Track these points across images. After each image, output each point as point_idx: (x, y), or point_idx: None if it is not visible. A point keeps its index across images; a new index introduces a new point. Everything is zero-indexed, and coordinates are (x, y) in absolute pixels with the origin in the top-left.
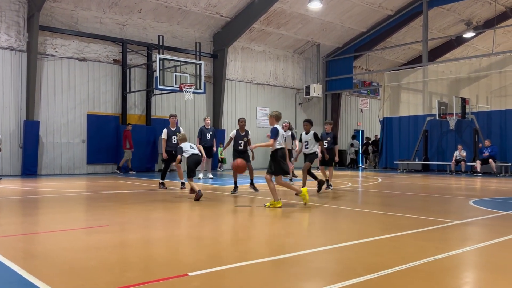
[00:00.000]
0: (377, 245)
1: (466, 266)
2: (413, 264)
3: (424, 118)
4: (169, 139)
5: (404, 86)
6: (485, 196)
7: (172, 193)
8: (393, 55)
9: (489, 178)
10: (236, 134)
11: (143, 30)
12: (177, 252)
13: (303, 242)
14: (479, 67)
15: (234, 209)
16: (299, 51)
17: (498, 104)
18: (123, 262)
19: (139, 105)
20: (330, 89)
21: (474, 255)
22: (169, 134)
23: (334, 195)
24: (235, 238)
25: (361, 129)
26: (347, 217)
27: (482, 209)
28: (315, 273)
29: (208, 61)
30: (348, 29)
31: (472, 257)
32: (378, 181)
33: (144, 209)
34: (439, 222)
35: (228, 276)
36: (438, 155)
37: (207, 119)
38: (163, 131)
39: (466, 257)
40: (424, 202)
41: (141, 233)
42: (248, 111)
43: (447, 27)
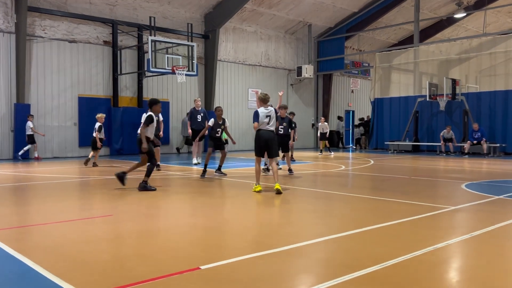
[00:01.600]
0: (379, 233)
1: (466, 255)
2: (416, 254)
3: (414, 99)
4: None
5: (395, 67)
6: (476, 179)
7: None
8: (384, 35)
9: (478, 159)
10: (214, 122)
11: (133, 11)
12: (186, 244)
13: (306, 232)
14: (469, 47)
15: (231, 195)
16: (291, 32)
17: (488, 85)
18: (134, 255)
19: (131, 87)
20: (322, 70)
21: (472, 243)
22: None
23: (328, 179)
24: (238, 229)
25: (352, 110)
26: (344, 203)
27: (475, 194)
28: (322, 265)
29: (200, 42)
30: (340, 9)
31: (470, 246)
32: (370, 163)
33: (144, 196)
34: (435, 208)
35: (238, 269)
36: (428, 136)
37: (197, 100)
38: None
39: (465, 246)
40: (417, 186)
41: (146, 223)
42: (239, 92)
43: (438, 7)
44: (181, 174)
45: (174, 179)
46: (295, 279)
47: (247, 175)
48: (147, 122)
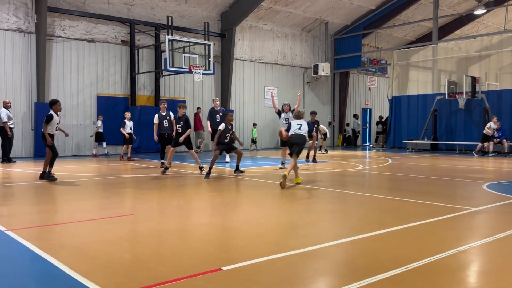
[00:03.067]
0: (399, 235)
1: (490, 259)
2: (437, 257)
3: (433, 97)
4: (160, 123)
5: (413, 64)
6: (497, 179)
7: (183, 176)
8: (402, 32)
9: (499, 159)
10: (225, 127)
11: (151, 10)
12: (207, 244)
13: (325, 233)
14: (490, 44)
15: (249, 195)
16: (307, 29)
17: (508, 83)
18: (156, 255)
19: (148, 86)
20: (338, 68)
21: (495, 246)
22: (160, 118)
23: (346, 179)
24: (258, 229)
25: (369, 108)
26: (362, 204)
27: (497, 194)
28: (344, 267)
29: (216, 41)
30: (357, 7)
31: (494, 249)
32: (388, 162)
33: (163, 195)
34: (456, 209)
35: (260, 271)
36: (447, 135)
37: (216, 100)
38: (155, 117)
39: (488, 249)
40: (437, 187)
41: (166, 222)
42: (256, 90)
43: (457, 4)
44: (197, 174)
45: (191, 178)
46: (317, 282)
47: (264, 175)
48: (47, 121)
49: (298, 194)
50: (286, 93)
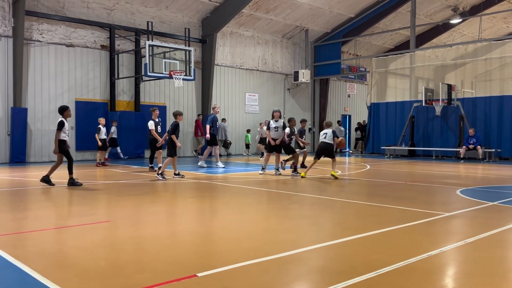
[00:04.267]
0: (374, 240)
1: (460, 262)
2: (409, 261)
3: (410, 104)
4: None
5: (392, 72)
6: (471, 184)
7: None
8: (381, 40)
9: (474, 164)
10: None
11: (131, 15)
12: (184, 250)
13: (302, 238)
14: (465, 53)
15: (227, 201)
16: (288, 36)
17: (483, 90)
18: (132, 262)
19: (128, 91)
20: (319, 75)
21: (466, 250)
22: (155, 124)
23: (324, 185)
24: (235, 235)
25: (349, 114)
26: (340, 209)
27: (470, 200)
28: (317, 272)
29: (197, 46)
30: (337, 15)
31: (464, 253)
32: (366, 168)
33: (142, 201)
34: (430, 214)
35: (235, 277)
36: (424, 141)
37: (217, 107)
38: (150, 123)
39: (459, 253)
40: (413, 192)
41: (143, 229)
42: (237, 96)
43: (434, 13)
44: (178, 179)
45: (172, 184)
46: (291, 287)
47: (245, 180)
48: (59, 128)
49: (277, 199)
50: (267, 100)
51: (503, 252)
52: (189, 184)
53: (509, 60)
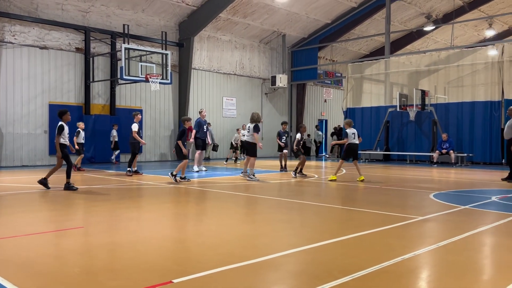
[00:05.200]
0: (349, 244)
1: (433, 266)
2: (383, 265)
3: (385, 109)
4: (138, 132)
5: (367, 77)
6: (444, 188)
7: (139, 188)
8: (357, 46)
9: (446, 169)
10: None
11: (107, 18)
12: (159, 257)
13: (279, 243)
14: (438, 59)
15: (204, 206)
16: (265, 41)
17: (455, 96)
18: (106, 269)
19: (103, 95)
20: (296, 79)
21: (438, 253)
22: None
23: (301, 189)
24: (212, 240)
25: (325, 119)
26: (316, 213)
27: (443, 204)
28: (294, 277)
29: (174, 50)
30: (313, 20)
31: (437, 256)
32: (342, 172)
33: (117, 207)
34: (404, 218)
35: (211, 282)
36: (399, 145)
37: (204, 111)
38: (134, 125)
39: (432, 256)
40: (388, 196)
41: (118, 235)
42: (214, 100)
43: (408, 20)
44: (154, 184)
45: (148, 189)
46: None
47: (223, 185)
48: (59, 132)
49: (254, 204)
50: (245, 104)
51: (475, 254)
52: (166, 189)
53: (480, 67)
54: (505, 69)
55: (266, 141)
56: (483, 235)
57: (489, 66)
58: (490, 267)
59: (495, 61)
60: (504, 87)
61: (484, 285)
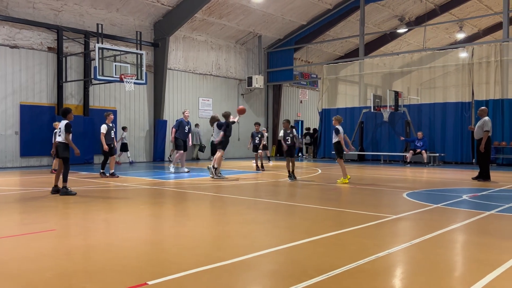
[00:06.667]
0: (324, 243)
1: (406, 263)
2: (358, 264)
3: (360, 110)
4: (108, 134)
5: (342, 79)
6: (417, 188)
7: (114, 189)
8: (332, 47)
9: (419, 168)
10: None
11: (80, 17)
12: (134, 259)
13: (255, 244)
14: (411, 61)
15: (180, 207)
16: (241, 42)
17: (428, 97)
18: (80, 272)
19: (76, 95)
20: (272, 80)
21: (411, 251)
22: (108, 129)
23: (277, 189)
24: (187, 242)
25: (301, 120)
26: (292, 213)
27: (416, 202)
28: (269, 277)
29: (149, 50)
30: (289, 22)
31: (410, 254)
32: (318, 172)
33: (90, 209)
34: (377, 217)
35: (186, 284)
36: (373, 146)
37: (187, 111)
38: (103, 126)
39: (405, 254)
40: (362, 196)
41: (92, 237)
42: (190, 101)
43: (382, 22)
44: (128, 186)
45: (122, 191)
46: None
47: (200, 186)
48: (68, 130)
49: (231, 205)
50: (221, 104)
51: (446, 252)
52: (141, 190)
53: (451, 69)
54: (475, 71)
55: (243, 141)
56: (454, 233)
57: (460, 68)
58: (462, 264)
59: (465, 63)
60: (474, 89)
61: (456, 281)
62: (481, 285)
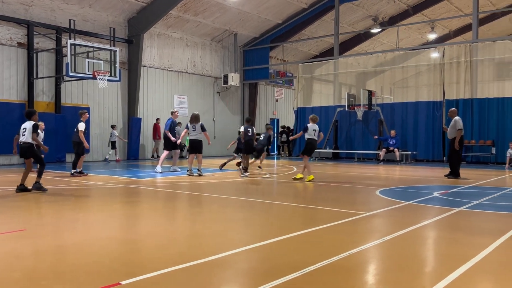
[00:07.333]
0: (298, 241)
1: (379, 259)
2: (332, 260)
3: (334, 108)
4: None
5: (317, 78)
6: (389, 185)
7: (85, 188)
8: (307, 46)
9: (392, 166)
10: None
11: (51, 12)
12: (107, 259)
13: (230, 242)
14: (384, 60)
15: (154, 206)
16: (217, 40)
17: (400, 97)
18: (50, 272)
19: (48, 92)
20: (248, 79)
21: (384, 247)
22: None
23: (253, 187)
24: (161, 241)
25: (277, 118)
26: (267, 211)
27: (388, 200)
28: (244, 275)
29: (123, 47)
30: (265, 20)
31: (383, 250)
32: (293, 170)
33: (61, 208)
34: (351, 214)
35: (160, 283)
36: (347, 144)
37: (176, 111)
38: (81, 124)
39: (378, 250)
40: (336, 193)
41: (64, 237)
42: (165, 99)
43: (356, 22)
44: (101, 185)
45: (95, 190)
46: None
47: (170, 185)
48: (35, 129)
49: (206, 203)
50: (196, 102)
51: (418, 247)
52: (114, 189)
53: (424, 68)
54: (446, 71)
55: (218, 139)
56: (425, 229)
57: (431, 68)
58: (432, 259)
59: (437, 63)
60: (445, 88)
61: (427, 276)
62: (451, 279)
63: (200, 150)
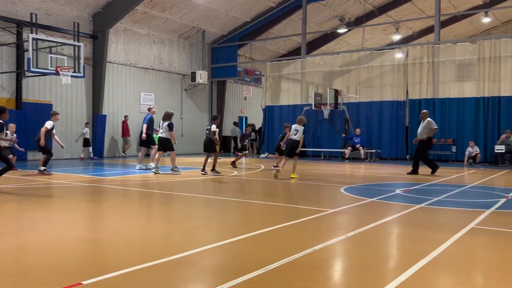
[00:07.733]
0: (263, 238)
1: (342, 255)
2: (296, 257)
3: (302, 107)
4: (50, 131)
5: (285, 76)
6: (354, 182)
7: (49, 187)
8: (275, 45)
9: (357, 164)
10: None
11: (12, 5)
12: (69, 258)
13: (195, 240)
14: (350, 60)
15: (119, 205)
16: (185, 37)
17: (366, 96)
18: (9, 273)
19: (8, 88)
20: (216, 76)
21: (347, 244)
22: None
23: (220, 185)
24: (126, 240)
25: (245, 116)
26: (234, 209)
27: (352, 197)
28: (209, 273)
29: (87, 42)
30: (233, 18)
31: (345, 246)
32: (261, 168)
33: (23, 207)
34: (316, 211)
35: (123, 282)
36: (314, 142)
37: (154, 107)
38: (49, 122)
39: (341, 247)
40: (302, 191)
41: (24, 237)
42: (131, 95)
43: (323, 22)
44: (64, 183)
45: (58, 188)
46: None
47: (136, 183)
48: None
49: (173, 202)
50: (164, 99)
51: (380, 243)
52: (78, 188)
53: (388, 68)
54: (409, 71)
55: (186, 137)
56: (388, 226)
57: (395, 68)
58: (394, 254)
59: (401, 63)
60: (408, 88)
61: (389, 271)
62: (411, 273)
63: (169, 148)
